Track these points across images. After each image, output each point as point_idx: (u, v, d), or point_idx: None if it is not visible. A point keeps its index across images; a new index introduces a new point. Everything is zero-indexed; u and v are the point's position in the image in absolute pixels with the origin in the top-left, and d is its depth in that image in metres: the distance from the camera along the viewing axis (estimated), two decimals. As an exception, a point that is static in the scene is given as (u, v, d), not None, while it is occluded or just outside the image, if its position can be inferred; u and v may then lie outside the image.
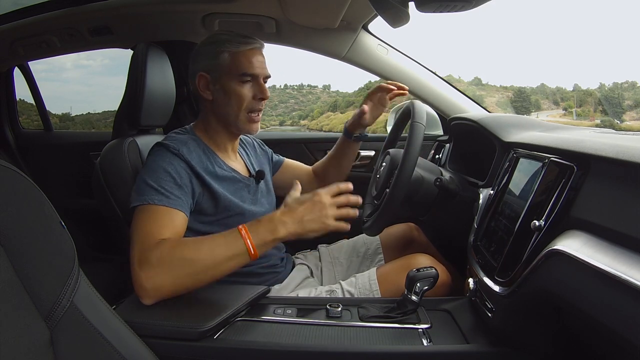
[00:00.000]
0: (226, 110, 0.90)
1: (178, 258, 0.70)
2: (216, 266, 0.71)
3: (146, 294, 0.68)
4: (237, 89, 0.89)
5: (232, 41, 0.89)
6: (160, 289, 0.69)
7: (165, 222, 0.76)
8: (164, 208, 0.77)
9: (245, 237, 0.72)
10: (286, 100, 7.35)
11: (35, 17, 1.32)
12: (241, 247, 0.71)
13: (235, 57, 0.89)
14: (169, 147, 0.84)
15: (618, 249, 0.43)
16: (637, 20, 8.51)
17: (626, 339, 0.40)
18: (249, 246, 0.71)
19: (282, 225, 0.73)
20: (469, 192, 0.94)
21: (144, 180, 0.80)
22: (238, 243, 0.72)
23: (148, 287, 0.68)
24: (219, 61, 0.89)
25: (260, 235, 0.72)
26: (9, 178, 0.44)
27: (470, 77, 6.03)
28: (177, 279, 0.69)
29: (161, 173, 0.80)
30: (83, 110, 5.05)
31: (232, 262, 0.72)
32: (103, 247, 1.61)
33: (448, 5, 0.59)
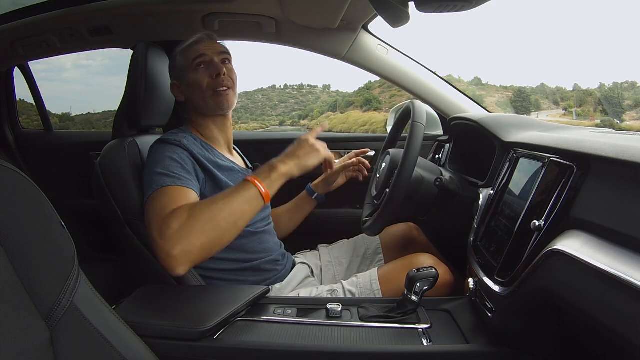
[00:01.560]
0: (195, 99, 0.96)
1: (198, 217, 0.71)
2: (235, 213, 0.74)
3: (176, 262, 0.68)
4: (195, 76, 0.95)
5: (182, 43, 0.98)
6: (188, 252, 0.69)
7: (180, 197, 0.78)
8: (176, 187, 0.79)
9: (253, 181, 0.77)
10: (286, 100, 7.35)
11: (35, 17, 1.31)
12: (253, 191, 0.76)
13: (184, 52, 0.97)
14: (169, 140, 0.88)
15: (618, 249, 0.43)
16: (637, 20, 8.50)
17: (626, 339, 0.40)
18: (259, 187, 0.77)
19: (282, 163, 0.81)
20: (469, 192, 0.94)
21: (151, 171, 0.82)
22: (249, 187, 0.77)
23: (176, 254, 0.68)
24: (176, 64, 0.98)
25: (266, 176, 0.79)
26: (9, 178, 0.44)
27: (470, 77, 6.04)
28: (202, 237, 0.70)
29: (167, 161, 0.83)
30: (83, 110, 5.06)
31: (248, 207, 0.76)
32: (103, 247, 1.61)
33: (448, 5, 0.59)
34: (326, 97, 7.47)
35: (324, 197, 1.20)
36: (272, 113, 7.19)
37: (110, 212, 0.91)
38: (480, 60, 13.43)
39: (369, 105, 6.56)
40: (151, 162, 0.85)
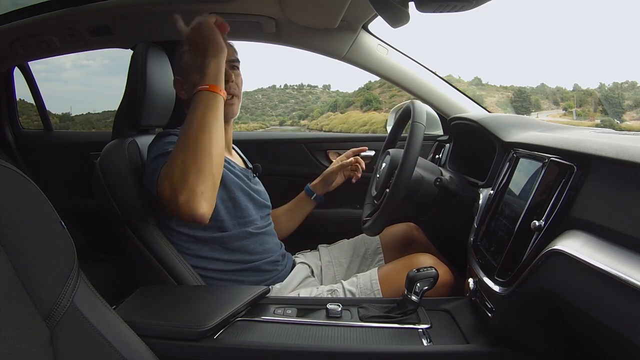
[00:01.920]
0: None
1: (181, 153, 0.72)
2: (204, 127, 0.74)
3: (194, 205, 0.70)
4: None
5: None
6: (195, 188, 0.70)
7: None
8: None
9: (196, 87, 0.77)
10: (286, 100, 7.36)
11: (35, 17, 1.31)
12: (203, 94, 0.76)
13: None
14: (169, 132, 0.89)
15: (618, 249, 0.43)
16: (637, 20, 8.51)
17: (626, 339, 0.40)
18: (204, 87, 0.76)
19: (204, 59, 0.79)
20: (469, 192, 0.94)
21: (153, 158, 0.83)
22: (199, 94, 0.76)
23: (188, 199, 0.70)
24: (183, 61, 0.95)
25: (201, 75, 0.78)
26: (9, 178, 0.44)
27: (470, 77, 6.04)
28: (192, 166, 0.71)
29: (169, 146, 0.82)
30: (83, 110, 5.06)
31: (211, 112, 0.75)
32: (103, 247, 1.61)
33: (448, 5, 0.59)
34: (326, 97, 7.47)
35: (323, 197, 1.20)
36: (272, 113, 7.20)
37: (110, 212, 0.91)
38: (480, 60, 13.43)
39: (369, 105, 6.57)
40: (153, 151, 0.85)
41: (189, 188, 0.70)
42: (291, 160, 1.55)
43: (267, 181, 1.13)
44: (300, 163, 1.56)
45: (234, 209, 0.92)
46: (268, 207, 1.05)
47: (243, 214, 0.93)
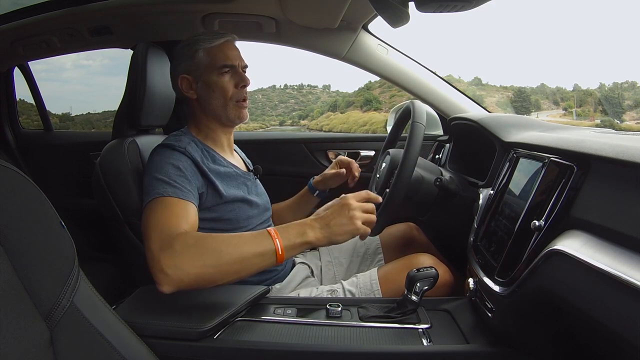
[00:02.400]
0: (213, 103, 0.93)
1: (204, 247, 0.68)
2: (242, 261, 0.68)
3: (167, 281, 0.66)
4: (219, 81, 0.92)
5: (203, 39, 0.93)
6: (182, 277, 0.66)
7: (182, 213, 0.77)
8: (177, 200, 0.78)
9: (274, 237, 0.70)
10: (286, 100, 7.35)
11: (35, 17, 1.32)
12: (270, 246, 0.69)
13: (211, 52, 0.93)
14: (174, 147, 0.86)
15: (618, 249, 0.43)
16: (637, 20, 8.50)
17: (626, 339, 0.40)
18: (277, 246, 0.69)
19: (311, 229, 0.72)
20: (469, 192, 0.94)
21: (152, 177, 0.81)
22: (267, 242, 0.70)
23: (170, 273, 0.65)
24: (197, 60, 0.93)
25: (289, 237, 0.71)
26: (9, 178, 0.44)
27: (470, 77, 6.03)
28: (201, 268, 0.67)
29: (170, 168, 0.82)
30: (83, 110, 5.04)
31: (258, 260, 0.70)
32: (103, 247, 1.61)
33: (448, 5, 0.59)
34: (326, 97, 7.46)
35: (326, 192, 1.17)
36: (272, 113, 7.19)
37: (110, 212, 0.91)
38: (480, 60, 13.41)
39: (369, 105, 6.56)
40: (153, 166, 0.84)
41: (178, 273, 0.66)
42: (291, 160, 1.56)
43: (267, 181, 1.12)
44: (300, 163, 1.56)
45: (237, 222, 0.91)
46: (269, 210, 1.05)
47: (242, 224, 0.92)
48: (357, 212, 0.73)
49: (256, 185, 1.03)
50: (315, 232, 0.71)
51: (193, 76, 0.93)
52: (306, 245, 0.72)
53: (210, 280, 0.68)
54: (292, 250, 0.71)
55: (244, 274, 0.70)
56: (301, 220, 0.74)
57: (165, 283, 0.66)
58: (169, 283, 0.66)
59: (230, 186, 0.91)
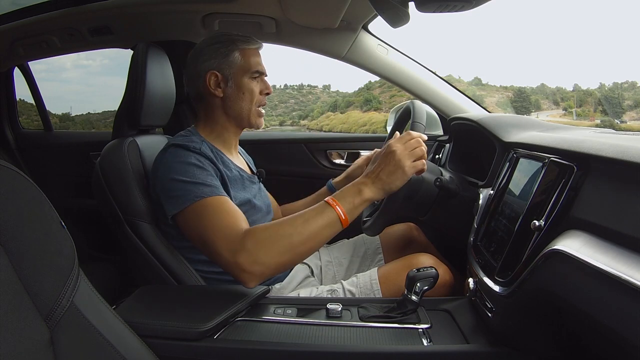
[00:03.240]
0: (240, 105, 0.94)
1: (275, 237, 0.72)
2: (313, 237, 0.73)
3: (251, 278, 0.71)
4: (250, 85, 0.94)
5: (241, 40, 0.94)
6: (264, 270, 0.71)
7: (232, 210, 0.78)
8: (221, 198, 0.79)
9: (334, 205, 0.74)
10: (286, 100, 7.35)
11: (35, 17, 1.32)
12: (333, 215, 0.74)
13: (246, 54, 0.94)
14: (189, 147, 0.84)
15: (618, 249, 0.43)
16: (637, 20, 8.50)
17: (626, 339, 0.40)
18: (339, 213, 0.74)
19: (365, 186, 0.76)
20: (469, 192, 0.94)
21: (180, 180, 0.79)
22: (329, 212, 0.74)
23: (252, 271, 0.70)
24: (231, 59, 0.93)
25: (348, 200, 0.75)
26: (9, 178, 0.44)
27: (470, 77, 6.04)
28: (278, 257, 0.71)
29: (194, 169, 0.81)
30: (83, 110, 5.05)
31: (327, 231, 0.74)
32: (103, 247, 1.61)
33: (448, 5, 0.59)
34: (326, 97, 7.47)
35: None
36: (272, 113, 7.19)
37: (110, 212, 0.91)
38: (480, 60, 13.42)
39: (369, 105, 6.57)
40: (174, 168, 0.81)
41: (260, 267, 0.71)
42: (291, 160, 1.56)
43: (267, 181, 1.12)
44: (300, 163, 1.56)
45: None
46: (270, 213, 1.05)
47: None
48: (403, 155, 0.76)
49: (259, 189, 1.03)
50: (370, 188, 0.76)
51: (223, 74, 0.93)
52: (366, 202, 0.76)
53: (291, 263, 0.76)
54: (354, 211, 0.76)
55: (318, 247, 0.77)
56: (353, 182, 0.78)
57: (250, 280, 0.71)
58: (253, 279, 0.71)
59: (238, 189, 0.91)
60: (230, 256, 0.71)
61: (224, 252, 0.72)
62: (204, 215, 0.76)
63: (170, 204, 0.80)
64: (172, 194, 0.80)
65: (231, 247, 0.72)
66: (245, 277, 0.71)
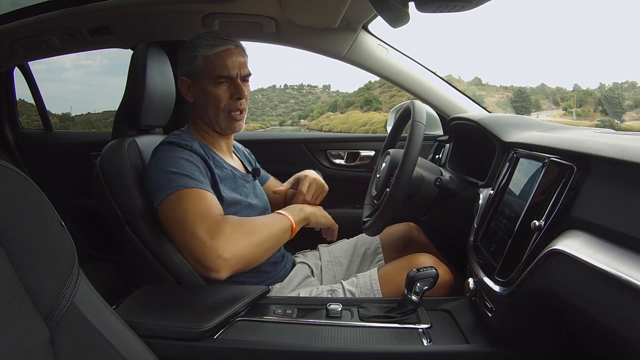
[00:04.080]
0: (206, 111, 0.94)
1: (247, 229, 0.78)
2: (274, 237, 0.83)
3: (225, 264, 0.72)
4: (214, 91, 0.91)
5: (203, 45, 0.91)
6: (239, 258, 0.74)
7: (212, 201, 0.80)
8: (199, 190, 0.79)
9: (286, 215, 0.87)
10: (286, 100, 7.35)
11: (35, 17, 1.32)
12: (287, 223, 0.86)
13: (208, 60, 0.90)
14: (180, 144, 0.87)
15: (618, 249, 0.43)
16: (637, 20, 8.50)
17: (626, 339, 0.40)
18: (292, 221, 0.86)
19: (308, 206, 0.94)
20: (469, 192, 0.94)
21: (167, 171, 0.81)
22: (283, 220, 0.86)
23: (228, 257, 0.72)
24: (195, 65, 0.92)
25: (295, 213, 0.89)
26: (9, 178, 0.44)
27: (470, 77, 6.04)
28: (251, 248, 0.76)
29: (183, 162, 0.83)
30: (83, 110, 5.06)
31: (283, 236, 0.85)
32: (103, 247, 1.61)
33: (448, 5, 0.59)
34: (326, 97, 7.47)
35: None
36: (272, 113, 7.19)
37: (110, 212, 0.91)
38: (480, 60, 13.42)
39: (369, 105, 6.57)
40: (164, 161, 0.83)
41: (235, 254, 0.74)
42: (291, 160, 1.56)
43: (266, 181, 1.13)
44: (300, 163, 1.55)
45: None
46: (267, 211, 1.05)
47: None
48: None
49: (255, 187, 1.03)
50: (310, 209, 0.93)
51: (191, 80, 0.94)
52: (306, 219, 0.92)
53: (258, 258, 0.80)
54: (300, 224, 0.89)
55: (275, 250, 0.86)
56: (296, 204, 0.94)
57: (224, 268, 0.72)
58: (227, 267, 0.72)
59: (229, 189, 0.92)
60: (209, 240, 0.72)
61: (203, 236, 0.73)
62: (184, 202, 0.77)
63: (155, 195, 0.81)
64: (158, 185, 0.81)
65: (210, 232, 0.73)
66: (220, 264, 0.72)
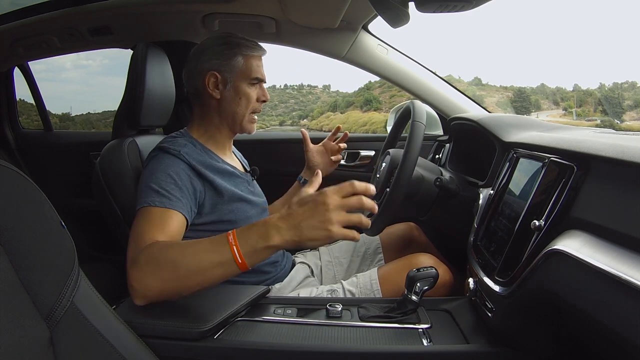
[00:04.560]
0: (234, 109, 0.94)
1: (163, 260, 0.64)
2: (201, 272, 0.63)
3: (135, 294, 0.66)
4: (248, 90, 0.94)
5: (245, 45, 0.94)
6: (147, 291, 0.65)
7: (161, 223, 0.75)
8: (162, 209, 0.77)
9: (232, 243, 0.61)
10: (286, 100, 7.36)
11: (35, 17, 1.32)
12: (227, 255, 0.61)
13: (249, 61, 0.94)
14: (168, 150, 0.85)
15: (618, 249, 0.43)
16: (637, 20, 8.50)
17: (626, 339, 0.40)
18: (235, 254, 0.61)
19: (276, 230, 0.61)
20: (469, 192, 0.94)
21: (145, 184, 0.81)
22: (224, 249, 0.62)
23: (137, 288, 0.65)
24: (233, 62, 0.93)
25: (249, 242, 0.61)
26: (9, 178, 0.44)
27: (470, 77, 6.04)
28: (162, 282, 0.64)
29: (161, 174, 0.81)
30: (83, 110, 5.06)
31: (218, 270, 0.63)
32: (103, 247, 1.61)
33: (448, 6, 0.59)
34: (326, 97, 7.47)
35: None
36: (272, 113, 7.20)
37: (110, 212, 0.91)
38: (480, 60, 13.44)
39: (369, 105, 6.57)
40: (148, 171, 0.84)
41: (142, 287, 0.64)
42: (291, 160, 1.55)
43: (267, 181, 1.12)
44: (300, 163, 1.55)
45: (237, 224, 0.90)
46: (266, 211, 1.05)
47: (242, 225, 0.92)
48: (336, 212, 0.60)
49: (254, 187, 1.03)
50: (282, 234, 0.61)
51: (223, 76, 0.92)
52: (270, 250, 0.62)
53: (174, 293, 0.65)
54: (254, 257, 0.62)
55: (207, 284, 0.64)
56: (266, 219, 0.64)
57: (135, 296, 0.66)
58: (137, 296, 0.66)
59: (230, 184, 0.91)
60: (128, 266, 0.67)
61: (129, 258, 0.69)
62: (137, 222, 0.76)
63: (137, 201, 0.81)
64: (138, 193, 0.81)
65: (132, 258, 0.68)
66: (132, 292, 0.66)
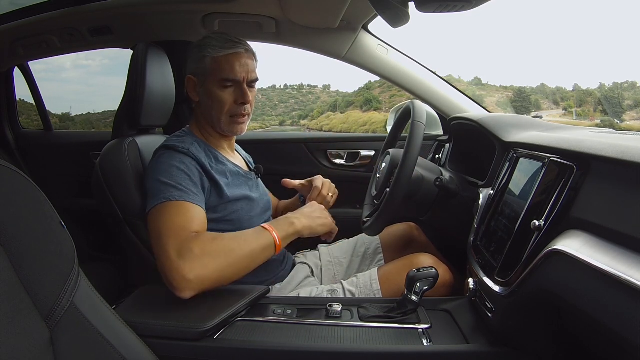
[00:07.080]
0: (210, 113, 0.93)
1: (220, 248, 0.73)
2: (251, 256, 0.76)
3: (188, 286, 0.68)
4: (219, 93, 0.90)
5: (214, 45, 0.89)
6: (204, 280, 0.70)
7: (193, 215, 0.77)
8: (185, 203, 0.78)
9: (271, 231, 0.80)
10: (286, 100, 7.37)
11: (35, 17, 1.32)
12: (269, 239, 0.79)
13: (216, 62, 0.89)
14: (177, 148, 0.85)
15: (618, 249, 0.43)
16: (637, 20, 8.51)
17: (626, 339, 0.40)
18: (275, 238, 0.79)
19: (297, 219, 0.84)
20: (469, 192, 0.94)
21: (157, 180, 0.80)
22: (266, 236, 0.79)
23: (191, 278, 0.68)
24: (203, 65, 0.90)
25: (283, 228, 0.81)
26: (9, 178, 0.44)
27: (470, 77, 6.05)
28: (219, 269, 0.71)
29: (175, 171, 0.81)
30: (83, 110, 5.07)
31: (263, 254, 0.78)
32: (103, 247, 1.61)
33: (448, 6, 0.59)
34: (326, 97, 7.48)
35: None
36: (272, 113, 7.20)
37: (110, 212, 0.91)
38: (480, 60, 13.45)
39: (369, 105, 6.58)
40: (157, 168, 0.83)
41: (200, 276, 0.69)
42: (291, 160, 1.56)
43: (267, 181, 1.13)
44: (300, 163, 1.56)
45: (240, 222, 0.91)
46: (269, 210, 1.05)
47: (244, 224, 0.92)
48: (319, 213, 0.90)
49: (257, 185, 1.03)
50: (301, 222, 0.84)
51: (198, 80, 0.92)
52: (296, 234, 0.84)
53: (229, 278, 0.74)
54: (286, 240, 0.82)
55: (253, 266, 0.78)
56: (287, 214, 0.86)
57: (188, 288, 0.68)
58: (191, 288, 0.68)
59: (233, 185, 0.91)
60: (176, 258, 0.68)
61: (171, 254, 0.69)
62: (164, 216, 0.75)
63: (146, 203, 0.80)
64: (148, 193, 0.81)
65: (178, 250, 0.69)
66: (184, 285, 0.67)
